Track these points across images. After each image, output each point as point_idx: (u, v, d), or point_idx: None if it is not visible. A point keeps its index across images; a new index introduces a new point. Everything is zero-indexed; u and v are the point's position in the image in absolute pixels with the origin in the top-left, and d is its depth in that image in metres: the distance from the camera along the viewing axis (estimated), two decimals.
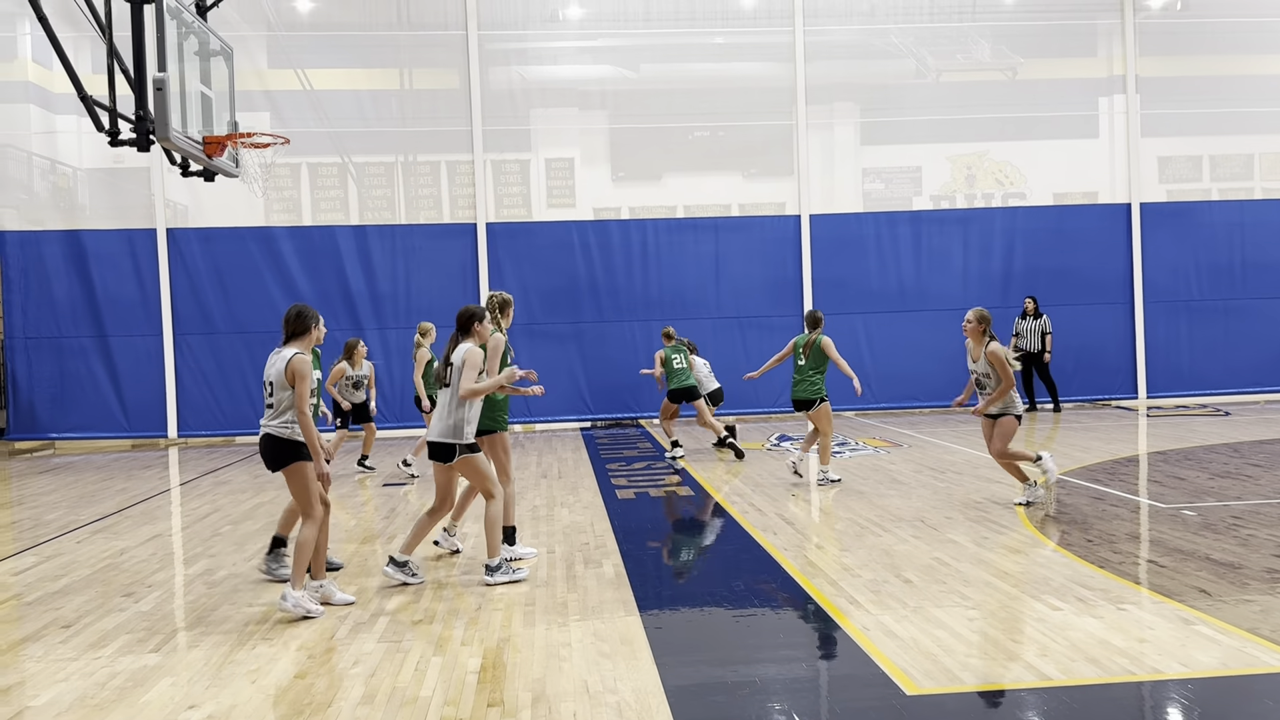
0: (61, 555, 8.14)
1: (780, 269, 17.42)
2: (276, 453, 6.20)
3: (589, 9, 17.62)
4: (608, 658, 5.21)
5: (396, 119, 17.36)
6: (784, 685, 4.82)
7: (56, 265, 16.34)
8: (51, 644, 5.74)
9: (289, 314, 6.35)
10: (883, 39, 17.80)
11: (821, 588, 6.44)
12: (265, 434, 6.22)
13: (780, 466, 11.81)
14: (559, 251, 17.08)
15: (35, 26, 13.35)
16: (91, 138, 13.60)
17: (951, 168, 17.88)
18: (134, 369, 16.44)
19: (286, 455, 6.18)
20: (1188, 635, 5.26)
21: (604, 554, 7.56)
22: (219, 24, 12.66)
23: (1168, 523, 8.02)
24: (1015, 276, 17.64)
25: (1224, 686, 4.63)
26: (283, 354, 6.23)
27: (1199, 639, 5.19)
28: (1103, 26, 18.10)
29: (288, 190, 16.98)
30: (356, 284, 16.74)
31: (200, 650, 5.55)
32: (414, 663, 5.22)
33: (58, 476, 13.13)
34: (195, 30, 10.78)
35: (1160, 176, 18.17)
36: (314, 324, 6.37)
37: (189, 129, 10.26)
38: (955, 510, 8.78)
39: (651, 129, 17.63)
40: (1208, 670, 4.78)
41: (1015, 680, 4.73)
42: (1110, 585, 6.24)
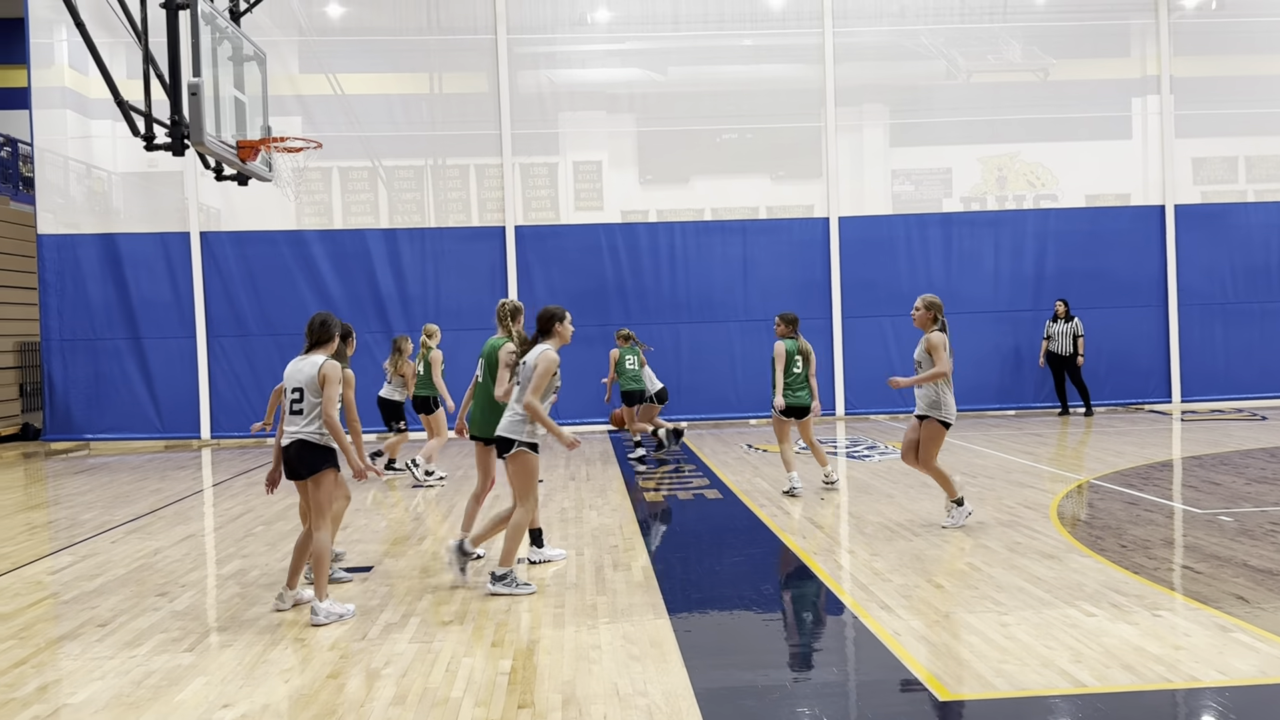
0: (97, 555, 8.24)
1: (809, 271, 17.36)
2: (311, 458, 6.17)
3: (617, 12, 17.65)
4: (637, 660, 5.21)
5: (426, 123, 17.46)
6: (815, 689, 4.80)
7: (92, 268, 16.56)
8: (88, 642, 5.81)
9: (313, 322, 6.38)
10: (913, 40, 17.70)
11: (852, 592, 6.41)
12: (298, 440, 6.17)
13: (808, 471, 11.76)
14: (587, 254, 17.12)
15: (72, 33, 13.55)
16: (126, 142, 13.78)
17: (982, 169, 17.76)
18: (167, 371, 16.62)
19: (320, 461, 6.18)
20: (1225, 642, 5.19)
21: (632, 556, 7.57)
22: (252, 29, 12.79)
23: (1204, 528, 7.93)
24: (1047, 279, 17.49)
25: (1263, 695, 4.57)
26: (311, 360, 6.24)
27: (1237, 646, 5.13)
28: (1136, 26, 17.92)
29: (319, 194, 17.12)
30: (386, 287, 16.85)
31: (233, 650, 5.60)
32: (445, 664, 5.24)
33: (93, 477, 13.30)
34: (229, 35, 10.90)
35: (1195, 178, 17.95)
36: (338, 332, 6.41)
37: (223, 133, 10.37)
38: (987, 515, 8.71)
39: (679, 131, 17.63)
40: (1246, 678, 4.71)
41: (1049, 687, 4.68)
42: (1145, 591, 6.18)
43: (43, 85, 16.71)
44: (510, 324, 7.53)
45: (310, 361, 6.24)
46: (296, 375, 6.24)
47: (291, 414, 6.22)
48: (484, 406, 7.42)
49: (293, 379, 6.24)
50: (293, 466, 6.23)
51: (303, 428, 6.17)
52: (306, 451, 6.16)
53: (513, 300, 7.71)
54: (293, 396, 6.22)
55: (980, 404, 17.41)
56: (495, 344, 7.46)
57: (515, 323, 7.56)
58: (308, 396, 6.17)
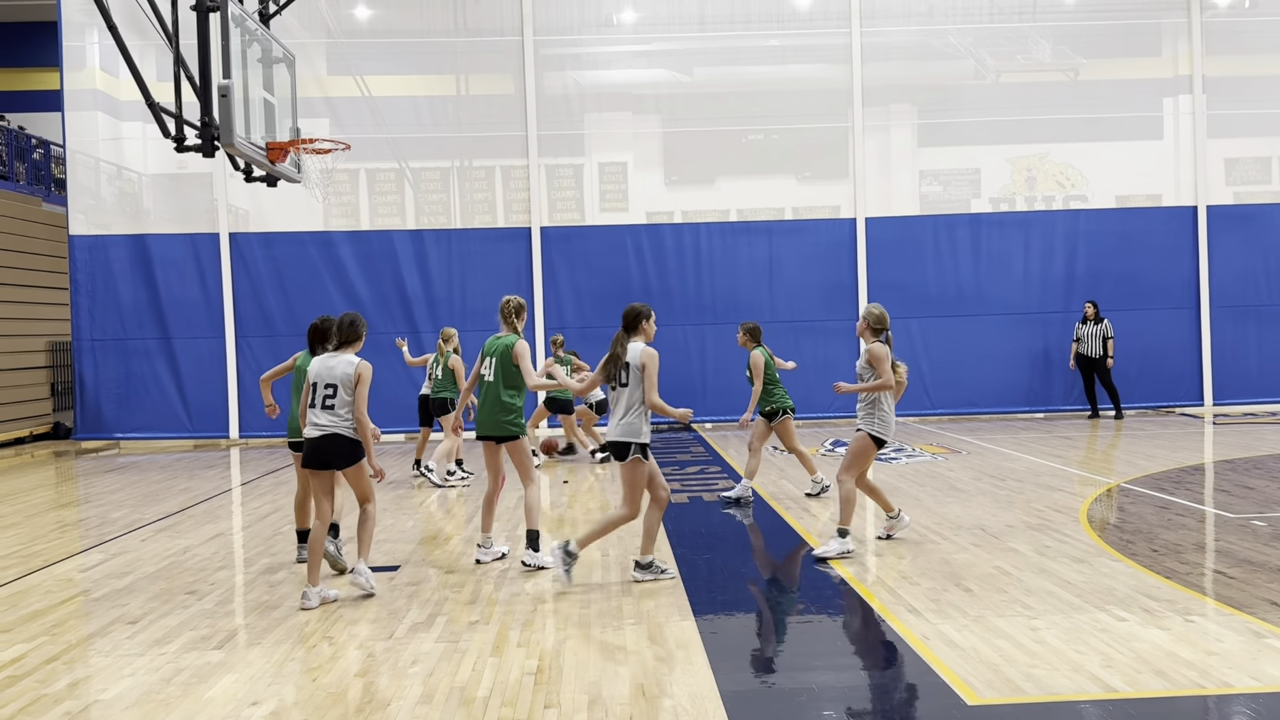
0: (127, 553, 8.31)
1: (835, 273, 17.29)
2: (348, 451, 6.48)
3: (643, 13, 17.65)
4: (663, 662, 5.20)
5: (452, 124, 17.52)
6: (841, 693, 4.77)
7: (123, 269, 16.74)
8: (118, 640, 5.86)
9: (342, 321, 6.68)
10: (941, 40, 17.60)
11: (879, 595, 6.37)
12: (333, 433, 6.44)
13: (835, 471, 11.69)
14: (612, 255, 17.12)
15: (104, 35, 13.70)
16: (157, 144, 13.91)
17: (1011, 170, 17.63)
18: (197, 370, 16.78)
19: (355, 453, 6.51)
20: (1259, 648, 5.12)
21: (658, 558, 7.54)
22: (280, 32, 12.89)
23: (1236, 533, 7.82)
24: (1077, 280, 17.34)
25: None
26: (344, 359, 6.53)
27: (1270, 652, 5.05)
28: (1168, 26, 17.73)
29: (346, 195, 17.23)
30: (413, 287, 16.93)
31: (261, 648, 5.63)
32: (471, 663, 5.25)
33: (123, 475, 13.43)
34: (258, 38, 10.98)
35: (1227, 178, 17.75)
36: (364, 331, 6.73)
37: (252, 135, 10.45)
38: (1016, 518, 8.64)
39: (705, 132, 17.61)
40: (1279, 685, 4.65)
41: (1079, 692, 4.63)
42: (1177, 596, 6.10)
43: (75, 88, 16.91)
44: (515, 321, 7.53)
45: (344, 360, 6.53)
46: (329, 373, 6.50)
47: (323, 409, 6.48)
48: (491, 406, 7.38)
49: (324, 376, 6.50)
50: (324, 458, 6.50)
51: (333, 421, 6.46)
52: (343, 445, 6.47)
53: (517, 298, 7.65)
54: (325, 392, 6.48)
55: (1009, 406, 17.28)
56: (506, 341, 7.40)
57: (519, 320, 7.56)
58: (341, 393, 6.45)
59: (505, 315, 7.54)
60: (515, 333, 7.50)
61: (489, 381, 7.40)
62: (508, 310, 7.55)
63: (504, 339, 7.44)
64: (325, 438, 6.46)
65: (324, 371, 6.52)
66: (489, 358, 7.43)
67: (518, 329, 7.53)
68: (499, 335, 7.51)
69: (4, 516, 10.27)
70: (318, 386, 6.52)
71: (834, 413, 17.07)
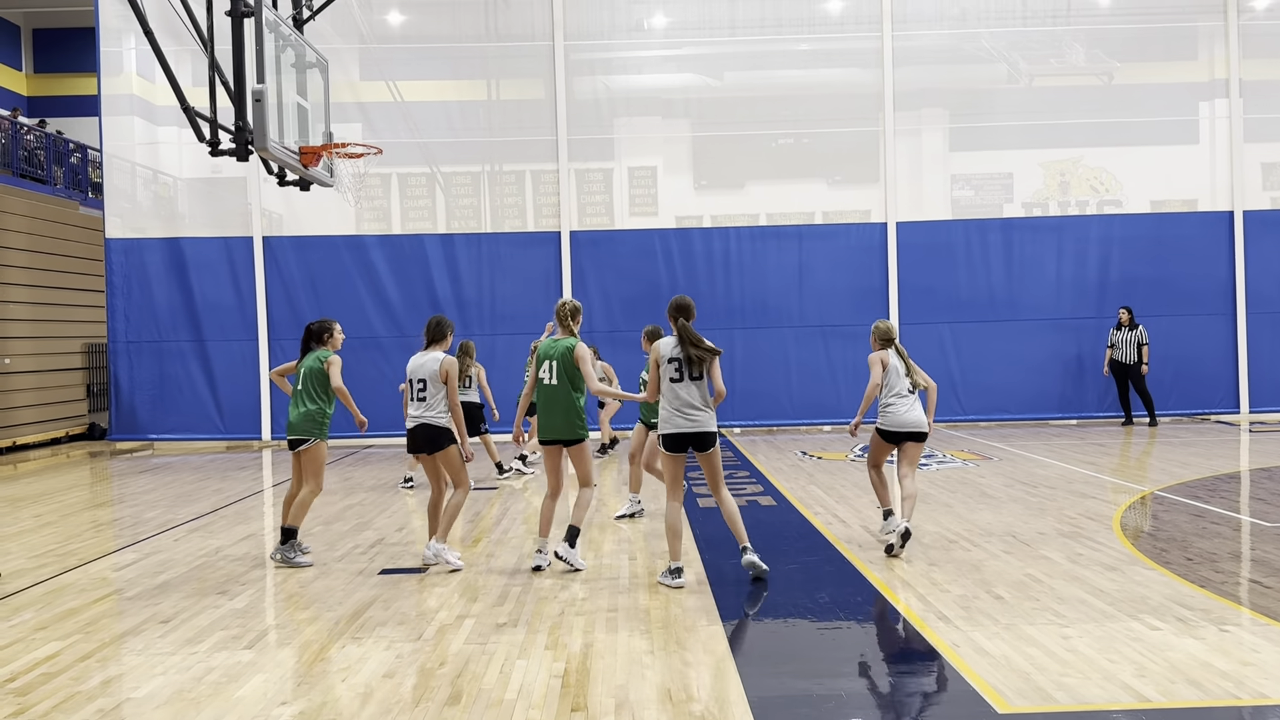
0: (160, 553, 8.40)
1: (866, 277, 17.20)
2: (435, 437, 7.37)
3: (674, 18, 17.66)
4: (690, 666, 5.19)
5: (484, 129, 17.60)
6: (870, 700, 4.74)
7: (158, 271, 16.94)
8: (151, 638, 5.92)
9: (430, 323, 7.63)
10: (973, 43, 17.48)
11: (909, 602, 6.33)
12: (421, 423, 7.39)
13: (864, 477, 11.65)
14: (641, 259, 17.13)
15: (140, 41, 13.90)
16: (191, 148, 14.06)
17: (1044, 174, 17.47)
18: (230, 372, 16.94)
19: (443, 440, 7.38)
20: None
21: (686, 562, 7.52)
22: (314, 37, 13.01)
23: (1273, 542, 7.71)
24: (1111, 286, 17.15)
25: None
26: (433, 356, 7.43)
27: None
28: (1204, 29, 17.51)
29: (378, 199, 17.35)
30: (443, 291, 17.01)
31: (291, 648, 5.67)
32: (499, 665, 5.26)
33: (157, 476, 13.58)
34: (292, 43, 11.09)
35: (1264, 183, 17.51)
36: (450, 331, 7.64)
37: (286, 139, 10.54)
38: (1048, 526, 8.55)
39: (735, 136, 17.59)
40: None
41: (1112, 701, 4.58)
42: (1212, 605, 6.02)
43: (112, 93, 17.14)
44: (572, 323, 7.46)
45: (432, 357, 7.45)
46: (420, 369, 7.44)
47: (416, 400, 7.43)
48: (558, 409, 7.29)
49: (417, 372, 7.45)
50: (418, 443, 7.45)
51: (424, 413, 7.39)
52: (433, 432, 7.38)
53: (573, 300, 7.60)
54: (418, 387, 7.43)
55: (1042, 413, 17.12)
56: (566, 344, 7.31)
57: (576, 322, 7.50)
58: (430, 387, 7.38)
59: (562, 318, 7.47)
60: (573, 335, 7.45)
61: (552, 385, 7.31)
62: (564, 313, 7.46)
63: (563, 342, 7.35)
64: (417, 427, 7.40)
65: (416, 368, 7.44)
66: (549, 361, 7.33)
67: (575, 331, 7.48)
68: (555, 339, 7.46)
69: (40, 516, 10.42)
70: (413, 382, 7.45)
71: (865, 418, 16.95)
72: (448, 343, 7.59)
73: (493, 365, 16.94)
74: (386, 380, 16.49)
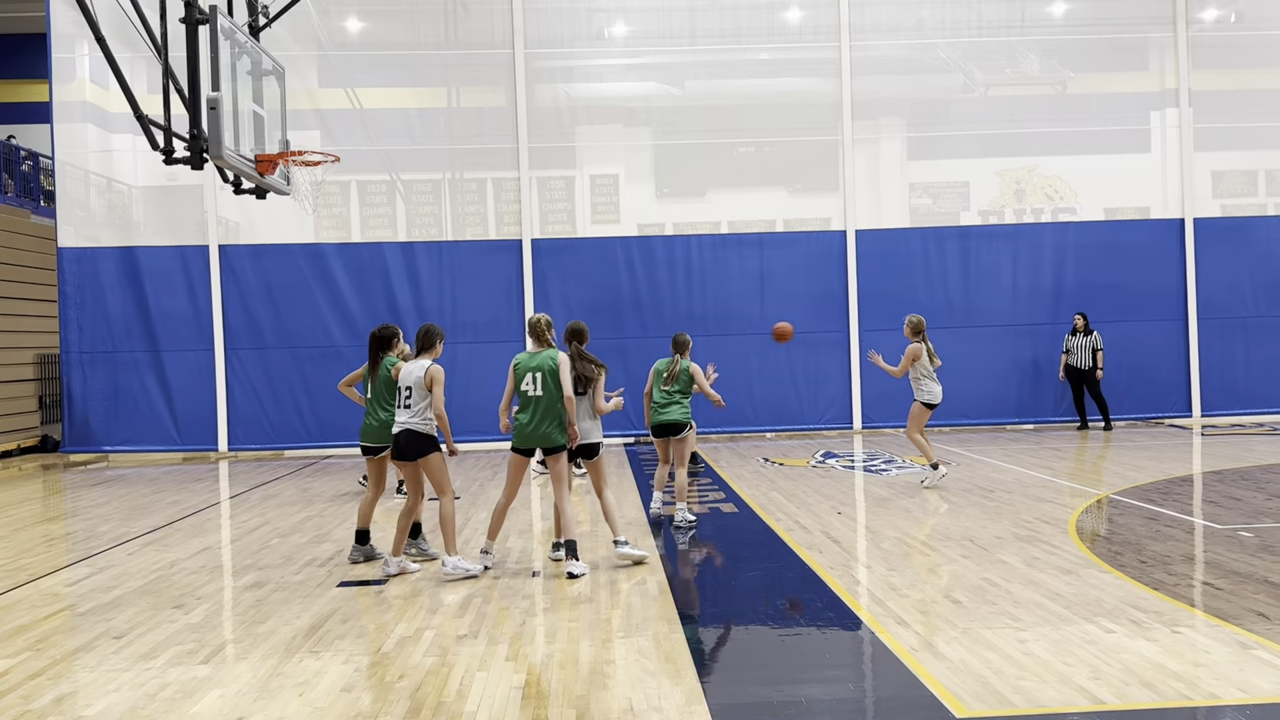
0: (114, 567, 8.27)
1: (826, 284, 17.32)
2: (418, 444, 7.44)
3: (635, 27, 17.71)
4: (652, 675, 5.19)
5: (444, 137, 17.53)
6: (830, 706, 4.76)
7: (111, 281, 16.68)
8: (104, 654, 5.83)
9: (419, 332, 7.69)
10: (930, 53, 17.69)
11: (868, 607, 6.37)
12: (406, 429, 7.44)
13: (826, 483, 11.73)
14: (603, 267, 17.13)
15: (93, 48, 13.69)
16: (146, 156, 13.92)
17: (1000, 182, 17.70)
18: (186, 383, 16.71)
19: (425, 447, 7.44)
20: (1245, 660, 5.13)
21: (648, 570, 7.54)
22: (271, 44, 12.90)
23: (1224, 544, 7.84)
24: (1066, 292, 17.40)
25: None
26: (420, 363, 7.50)
27: (1257, 664, 5.07)
28: (1154, 40, 17.85)
29: (337, 207, 17.21)
30: (404, 299, 16.90)
31: (248, 662, 5.60)
32: (459, 678, 5.23)
33: (111, 489, 13.37)
34: (248, 50, 10.99)
35: (1214, 191, 17.85)
36: (439, 340, 7.64)
37: (242, 147, 10.44)
38: (1005, 530, 8.65)
39: (696, 145, 17.65)
40: (1267, 696, 4.65)
41: (1067, 704, 4.63)
42: (1165, 607, 6.11)
43: (64, 100, 16.88)
44: (549, 336, 7.67)
45: (419, 364, 7.51)
46: (408, 376, 7.50)
47: (402, 407, 7.49)
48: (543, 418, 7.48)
49: (404, 379, 7.51)
50: (401, 450, 7.50)
51: (409, 419, 7.45)
52: (417, 439, 7.44)
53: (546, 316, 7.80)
54: (404, 394, 7.48)
55: (999, 418, 17.32)
56: (552, 354, 7.51)
57: (551, 334, 7.72)
58: (416, 394, 7.43)
59: (540, 332, 7.63)
60: (551, 346, 7.63)
61: (539, 395, 7.47)
62: (542, 327, 7.66)
63: (547, 353, 7.54)
64: (401, 433, 7.48)
65: (405, 376, 7.54)
66: (534, 373, 7.49)
67: (551, 344, 7.66)
68: (533, 352, 7.59)
69: None
70: (400, 390, 7.53)
71: (825, 424, 17.10)
72: (437, 350, 7.62)
73: (454, 373, 16.85)
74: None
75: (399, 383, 7.56)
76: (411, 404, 7.46)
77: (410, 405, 7.46)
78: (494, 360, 16.63)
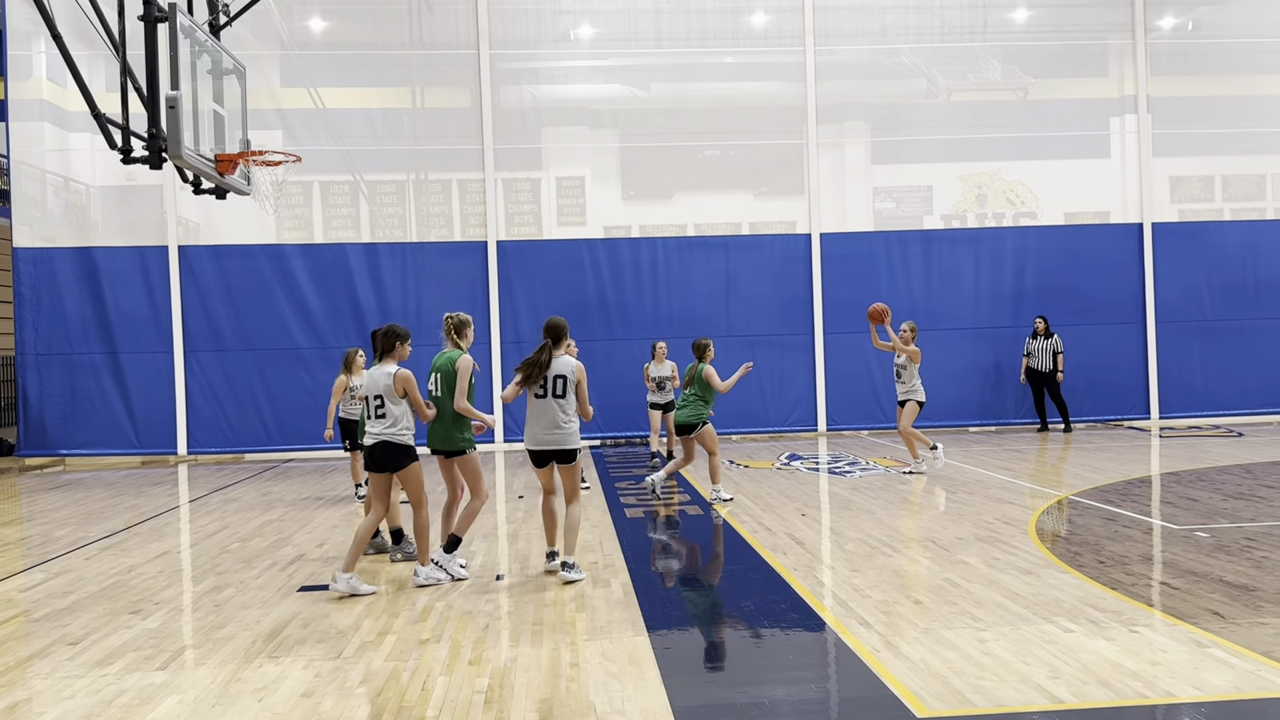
0: (70, 572, 8.14)
1: (791, 287, 17.40)
2: (396, 456, 7.08)
3: (600, 29, 17.70)
4: (615, 678, 5.17)
5: (408, 137, 17.43)
6: (793, 707, 4.77)
7: (69, 282, 16.43)
8: (58, 661, 5.73)
9: (376, 334, 7.26)
10: (893, 59, 17.83)
11: (831, 608, 6.40)
12: (382, 441, 7.08)
13: (790, 485, 11.77)
14: (569, 269, 17.11)
15: (50, 45, 13.48)
16: (104, 155, 13.71)
17: (962, 187, 17.87)
18: (144, 386, 16.49)
19: (403, 458, 7.11)
20: (1201, 658, 5.20)
21: (612, 573, 7.53)
22: (232, 43, 12.77)
23: (1181, 544, 7.96)
24: (1026, 296, 17.60)
25: (1238, 710, 4.58)
26: (385, 369, 7.12)
27: (1212, 662, 5.14)
28: (1114, 47, 18.10)
29: (299, 208, 17.06)
30: (367, 301, 16.78)
31: (207, 668, 5.53)
32: (420, 682, 5.19)
33: (67, 493, 13.16)
34: (208, 49, 10.86)
35: (1172, 196, 18.13)
36: (400, 341, 7.23)
37: (201, 147, 10.32)
38: (966, 531, 8.72)
39: (662, 148, 17.67)
40: (1221, 694, 4.72)
41: (1026, 703, 4.67)
42: (1123, 607, 6.19)
43: (20, 98, 16.61)
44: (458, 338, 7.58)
45: (384, 371, 7.12)
46: (374, 385, 7.12)
47: (375, 418, 7.11)
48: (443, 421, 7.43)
49: (371, 388, 7.13)
50: (379, 463, 7.14)
51: (385, 430, 7.07)
52: (394, 450, 7.07)
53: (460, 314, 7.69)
54: (374, 404, 7.11)
55: (960, 420, 17.48)
56: (451, 357, 7.46)
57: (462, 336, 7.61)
58: (388, 403, 7.06)
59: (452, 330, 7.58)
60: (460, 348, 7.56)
61: (439, 397, 7.49)
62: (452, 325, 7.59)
63: (451, 354, 7.49)
64: (377, 445, 7.10)
65: (370, 384, 7.16)
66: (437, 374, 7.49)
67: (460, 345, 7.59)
68: (449, 351, 7.55)
69: None
70: (369, 399, 7.16)
71: (790, 426, 17.16)
72: (401, 353, 7.24)
73: (418, 375, 16.76)
74: (308, 392, 16.24)
75: (366, 392, 7.19)
76: (385, 413, 7.09)
77: (384, 415, 7.10)
78: None
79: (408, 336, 7.33)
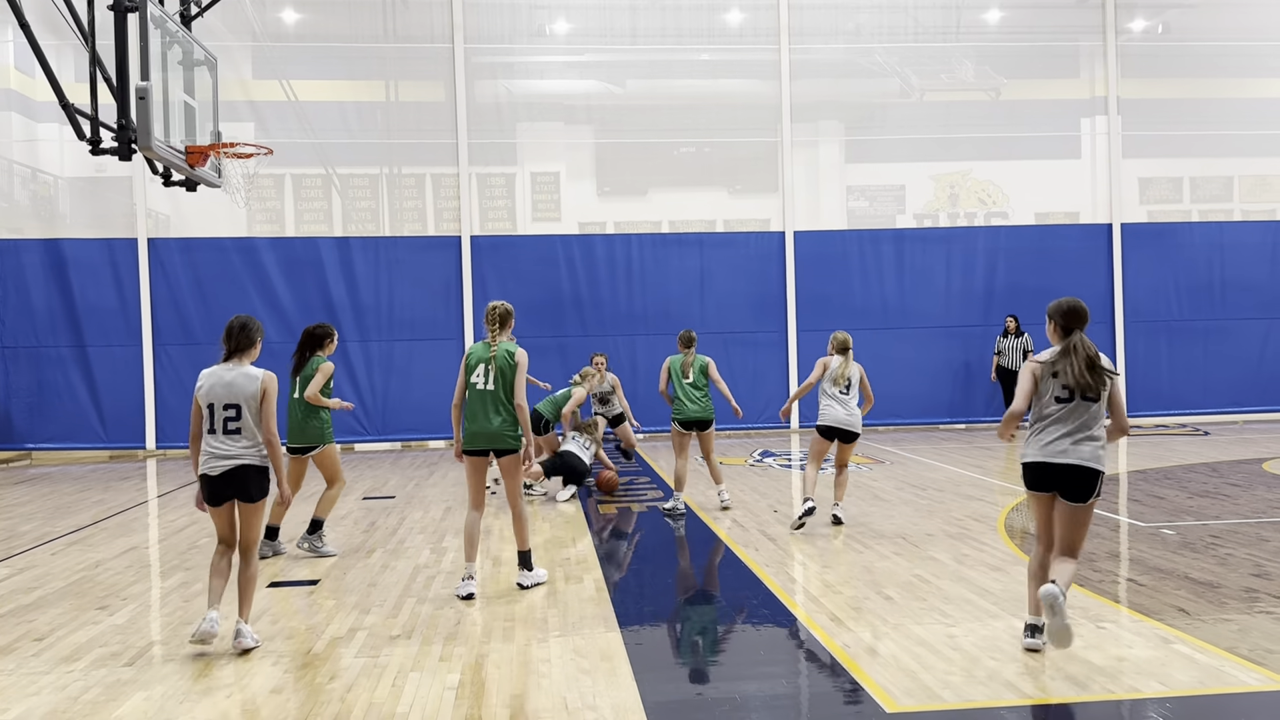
0: (36, 567, 8.04)
1: (765, 285, 17.45)
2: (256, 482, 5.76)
3: (576, 25, 17.67)
4: (587, 674, 5.18)
5: (382, 131, 17.33)
6: (764, 702, 4.79)
7: (36, 274, 16.22)
8: (23, 657, 5.66)
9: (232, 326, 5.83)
10: (868, 58, 17.91)
11: (802, 604, 6.43)
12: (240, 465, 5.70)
13: (763, 481, 11.81)
14: (544, 265, 17.07)
15: (17, 34, 13.26)
16: (73, 146, 13.54)
17: (935, 186, 17.99)
18: (112, 379, 16.30)
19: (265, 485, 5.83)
20: (1166, 654, 5.26)
21: (585, 569, 7.53)
22: (203, 34, 12.63)
23: (1147, 541, 8.05)
24: (997, 295, 17.73)
25: (1202, 706, 4.64)
26: (244, 371, 5.76)
27: (1177, 658, 5.20)
28: (1085, 48, 18.27)
29: (271, 201, 16.92)
30: (339, 296, 16.67)
31: (175, 664, 5.48)
32: (391, 678, 5.17)
33: (34, 487, 13.00)
34: (179, 40, 10.75)
35: (1141, 197, 18.32)
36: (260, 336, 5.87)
37: (171, 138, 10.22)
38: (936, 527, 8.78)
39: (637, 144, 17.67)
40: (1186, 689, 4.78)
41: (995, 698, 4.72)
42: (1090, 603, 6.25)
43: None
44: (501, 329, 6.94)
45: (244, 374, 5.72)
46: (231, 391, 5.67)
47: (226, 433, 5.67)
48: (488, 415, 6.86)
49: (225, 395, 5.67)
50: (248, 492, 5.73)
51: (244, 450, 5.68)
52: (255, 476, 5.72)
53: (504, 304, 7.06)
54: (227, 415, 5.65)
55: (932, 418, 17.60)
56: (510, 348, 6.89)
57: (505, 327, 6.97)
58: (247, 414, 5.68)
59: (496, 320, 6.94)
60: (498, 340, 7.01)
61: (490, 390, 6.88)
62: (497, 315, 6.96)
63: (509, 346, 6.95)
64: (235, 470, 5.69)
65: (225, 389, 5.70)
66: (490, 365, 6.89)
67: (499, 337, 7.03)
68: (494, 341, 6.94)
69: None
70: (215, 408, 5.70)
71: (762, 424, 17.21)
72: (257, 351, 5.85)
73: (391, 371, 16.73)
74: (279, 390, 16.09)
75: (214, 401, 5.67)
76: (242, 428, 5.66)
77: (240, 430, 5.66)
78: (432, 358, 16.51)
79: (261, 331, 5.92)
